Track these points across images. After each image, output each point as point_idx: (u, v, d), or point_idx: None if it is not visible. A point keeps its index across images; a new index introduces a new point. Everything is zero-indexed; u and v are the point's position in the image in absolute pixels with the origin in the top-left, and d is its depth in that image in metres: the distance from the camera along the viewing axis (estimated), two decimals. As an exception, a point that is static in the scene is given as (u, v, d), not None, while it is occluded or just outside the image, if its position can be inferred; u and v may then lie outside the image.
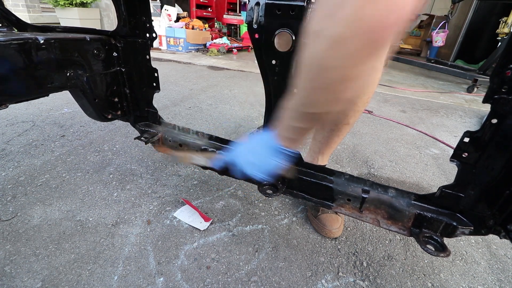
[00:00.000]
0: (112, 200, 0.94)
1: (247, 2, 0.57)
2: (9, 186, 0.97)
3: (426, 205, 0.64)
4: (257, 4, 0.55)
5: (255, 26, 0.57)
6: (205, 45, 4.41)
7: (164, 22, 4.13)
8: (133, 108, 0.95)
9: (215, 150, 0.80)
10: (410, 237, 0.81)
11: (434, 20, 5.23)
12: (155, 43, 4.19)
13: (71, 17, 4.28)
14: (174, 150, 0.90)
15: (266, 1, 0.54)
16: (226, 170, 0.72)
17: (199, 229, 0.84)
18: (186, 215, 0.89)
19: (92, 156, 1.20)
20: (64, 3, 4.11)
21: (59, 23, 4.33)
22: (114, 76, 0.87)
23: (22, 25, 0.86)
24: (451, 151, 0.57)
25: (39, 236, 0.78)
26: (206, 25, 4.81)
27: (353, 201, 0.69)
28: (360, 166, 1.29)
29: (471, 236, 0.91)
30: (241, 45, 4.76)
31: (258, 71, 0.63)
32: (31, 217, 0.85)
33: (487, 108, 0.47)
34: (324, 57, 0.33)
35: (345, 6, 0.28)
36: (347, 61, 0.32)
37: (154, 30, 0.84)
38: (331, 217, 0.86)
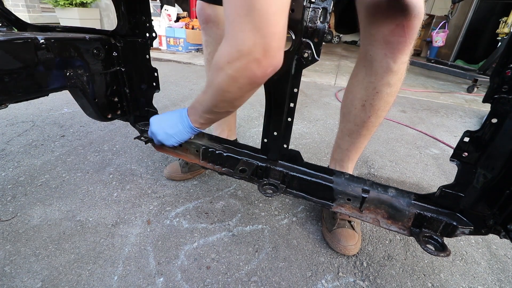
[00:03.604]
0: (112, 200, 0.94)
1: None
2: (9, 186, 0.97)
3: (426, 205, 0.64)
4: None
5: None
6: (205, 45, 4.40)
7: (164, 22, 4.13)
8: (133, 108, 0.95)
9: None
10: (410, 237, 0.81)
11: (434, 20, 5.24)
12: (155, 43, 4.19)
13: (71, 17, 4.28)
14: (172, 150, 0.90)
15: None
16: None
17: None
18: None
19: (92, 156, 1.20)
20: (64, 3, 4.11)
21: (59, 23, 4.33)
22: (114, 75, 0.87)
23: (22, 25, 0.86)
24: (451, 151, 0.57)
25: (39, 236, 0.78)
26: (206, 25, 4.79)
27: (353, 201, 0.69)
28: (360, 166, 1.29)
29: (471, 236, 0.91)
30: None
31: (258, 71, 0.63)
32: (31, 217, 0.85)
33: (487, 108, 0.47)
34: (224, 85, 0.53)
35: (237, 60, 0.47)
36: (239, 90, 0.53)
37: (154, 29, 0.84)
38: (348, 232, 0.80)
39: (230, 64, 0.48)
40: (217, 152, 0.81)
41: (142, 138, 0.89)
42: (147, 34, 0.83)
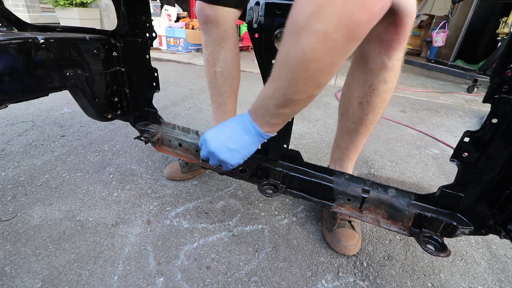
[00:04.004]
0: (112, 200, 0.94)
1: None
2: (9, 186, 0.97)
3: (426, 205, 0.64)
4: (257, 4, 0.55)
5: (255, 25, 0.57)
6: (205, 45, 4.40)
7: (164, 22, 4.13)
8: (133, 108, 0.95)
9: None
10: (410, 237, 0.81)
11: (434, 20, 5.23)
12: (155, 43, 4.19)
13: (71, 17, 4.28)
14: (173, 150, 0.90)
15: (266, 1, 0.54)
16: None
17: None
18: None
19: (92, 156, 1.20)
20: (64, 3, 4.11)
21: (59, 23, 4.33)
22: (114, 75, 0.87)
23: (22, 25, 0.86)
24: (451, 151, 0.57)
25: (39, 236, 0.78)
26: (206, 25, 4.79)
27: (353, 201, 0.69)
28: (360, 166, 1.29)
29: (471, 236, 0.91)
30: (241, 45, 4.77)
31: (258, 71, 0.63)
32: (31, 217, 0.85)
33: (487, 108, 0.47)
34: (310, 50, 0.38)
35: (327, 6, 0.34)
36: (330, 53, 0.38)
37: (154, 29, 0.84)
38: (348, 232, 0.80)
39: (318, 15, 0.35)
40: (217, 152, 0.81)
41: (142, 138, 0.89)
42: (147, 34, 0.83)
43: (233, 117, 0.59)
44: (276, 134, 0.57)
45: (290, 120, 0.59)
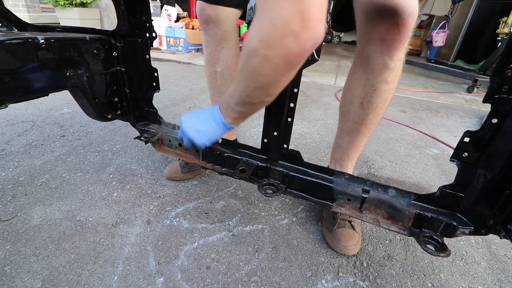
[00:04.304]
0: (112, 200, 0.94)
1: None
2: (9, 186, 0.97)
3: (426, 205, 0.64)
4: (257, 4, 0.55)
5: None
6: (205, 45, 4.40)
7: (164, 22, 4.13)
8: (133, 108, 0.95)
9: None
10: (410, 237, 0.81)
11: (434, 20, 5.24)
12: (155, 43, 4.19)
13: (71, 17, 4.28)
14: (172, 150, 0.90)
15: (266, 1, 0.54)
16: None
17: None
18: None
19: (92, 156, 1.20)
20: (64, 3, 4.11)
21: (59, 23, 4.33)
22: (114, 75, 0.87)
23: (22, 25, 0.86)
24: (451, 151, 0.57)
25: (39, 236, 0.78)
26: (206, 25, 4.79)
27: (353, 201, 0.69)
28: (360, 166, 1.29)
29: (471, 236, 0.91)
30: (241, 45, 4.76)
31: (258, 71, 0.63)
32: (31, 217, 0.85)
33: (487, 108, 0.47)
34: (257, 68, 0.47)
35: (271, 37, 0.42)
36: (274, 72, 0.47)
37: (154, 29, 0.84)
38: (348, 232, 0.80)
39: (263, 42, 0.43)
40: (217, 152, 0.81)
41: (142, 138, 0.89)
42: (147, 34, 0.83)
43: (210, 106, 0.68)
44: (237, 126, 0.68)
45: (249, 116, 0.66)
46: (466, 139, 0.54)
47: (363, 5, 0.61)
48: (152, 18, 0.83)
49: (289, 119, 0.68)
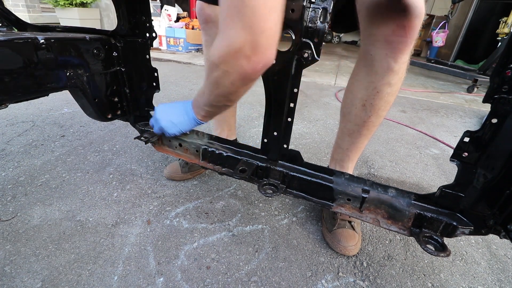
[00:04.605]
0: (112, 200, 0.94)
1: None
2: (9, 186, 0.97)
3: (426, 205, 0.64)
4: (257, 4, 0.55)
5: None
6: (205, 45, 4.40)
7: (164, 22, 4.13)
8: (133, 108, 0.95)
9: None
10: (410, 237, 0.81)
11: (434, 20, 5.24)
12: (155, 43, 4.19)
13: (71, 17, 4.28)
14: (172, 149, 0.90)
15: (266, 1, 0.54)
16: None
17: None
18: None
19: (92, 156, 1.20)
20: (64, 3, 4.11)
21: (59, 23, 4.33)
22: (114, 75, 0.87)
23: (22, 25, 0.86)
24: (451, 151, 0.57)
25: (39, 236, 0.78)
26: (206, 25, 4.79)
27: (353, 201, 0.69)
28: (360, 166, 1.29)
29: (471, 236, 0.91)
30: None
31: (258, 71, 0.63)
32: (31, 217, 0.85)
33: (487, 108, 0.47)
34: (218, 79, 0.55)
35: (228, 56, 0.49)
36: (232, 84, 0.54)
37: (154, 29, 0.84)
38: (348, 232, 0.80)
39: (221, 58, 0.50)
40: (217, 152, 0.81)
41: (142, 138, 0.89)
42: (147, 34, 0.83)
43: (184, 100, 0.75)
44: (206, 123, 0.75)
45: (217, 114, 0.75)
46: (466, 139, 0.54)
47: (367, 5, 0.60)
48: (152, 18, 0.83)
49: (289, 119, 0.68)
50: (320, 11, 0.52)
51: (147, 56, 0.86)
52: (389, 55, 0.61)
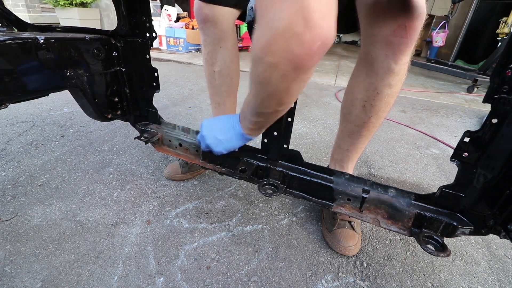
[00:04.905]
0: (112, 200, 0.94)
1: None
2: (9, 186, 0.97)
3: (426, 205, 0.64)
4: (257, 4, 0.55)
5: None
6: (205, 45, 4.40)
7: (164, 22, 4.13)
8: (133, 108, 0.95)
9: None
10: (410, 237, 0.81)
11: (434, 20, 5.24)
12: (155, 43, 4.19)
13: (71, 17, 4.28)
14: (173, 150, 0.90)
15: (266, 1, 0.54)
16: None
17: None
18: None
19: (92, 156, 1.20)
20: (64, 3, 4.11)
21: (59, 23, 4.33)
22: (114, 75, 0.87)
23: (22, 25, 0.86)
24: (451, 151, 0.57)
25: (39, 236, 0.78)
26: (206, 25, 4.79)
27: (353, 201, 0.69)
28: (360, 166, 1.29)
29: (471, 236, 0.91)
30: (241, 45, 4.76)
31: (258, 71, 0.63)
32: (31, 217, 0.85)
33: (487, 108, 0.47)
34: (264, 76, 0.44)
35: (274, 42, 0.39)
36: (283, 79, 0.44)
37: (154, 29, 0.84)
38: (348, 232, 0.80)
39: (265, 49, 0.40)
40: (217, 152, 0.81)
41: (142, 138, 0.89)
42: (147, 34, 0.83)
43: (232, 114, 0.68)
44: (254, 137, 0.66)
45: (266, 127, 0.66)
46: (466, 139, 0.54)
47: (367, 5, 0.60)
48: (152, 18, 0.83)
49: (289, 119, 0.68)
50: (320, 11, 0.52)
51: (147, 56, 0.86)
52: (390, 56, 0.61)
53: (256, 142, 0.73)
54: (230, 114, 0.67)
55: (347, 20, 0.72)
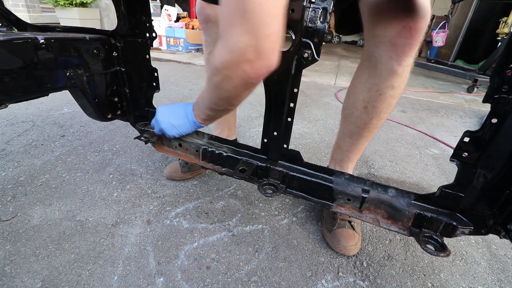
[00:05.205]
0: (112, 200, 0.94)
1: None
2: (9, 186, 0.97)
3: (426, 205, 0.64)
4: (257, 4, 0.55)
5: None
6: (205, 45, 4.40)
7: (164, 22, 4.13)
8: (133, 108, 0.95)
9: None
10: (410, 237, 0.81)
11: (434, 20, 5.23)
12: (155, 43, 4.19)
13: (71, 17, 4.28)
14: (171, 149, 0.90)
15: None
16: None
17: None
18: None
19: (92, 156, 1.20)
20: (64, 3, 4.11)
21: (59, 23, 4.33)
22: (114, 75, 0.87)
23: (22, 25, 0.86)
24: (451, 151, 0.57)
25: (39, 236, 0.78)
26: (206, 25, 4.78)
27: (353, 201, 0.69)
28: (360, 166, 1.29)
29: (471, 236, 0.91)
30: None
31: (258, 71, 0.63)
32: (31, 217, 0.85)
33: (487, 108, 0.47)
34: (219, 84, 0.55)
35: (231, 61, 0.48)
36: (235, 89, 0.54)
37: (154, 29, 0.84)
38: (348, 232, 0.80)
39: (224, 64, 0.49)
40: (217, 152, 0.81)
41: (142, 138, 0.89)
42: (147, 34, 0.83)
43: (185, 102, 0.75)
44: (206, 126, 0.76)
45: (218, 118, 0.78)
46: (466, 139, 0.54)
47: (371, 6, 0.59)
48: (152, 18, 0.83)
49: (289, 119, 0.68)
50: (320, 11, 0.52)
51: (147, 56, 0.86)
52: (393, 57, 0.60)
53: (256, 142, 0.73)
54: (184, 103, 0.74)
55: (350, 22, 0.72)
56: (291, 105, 0.65)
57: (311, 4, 0.52)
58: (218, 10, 0.83)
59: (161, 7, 4.36)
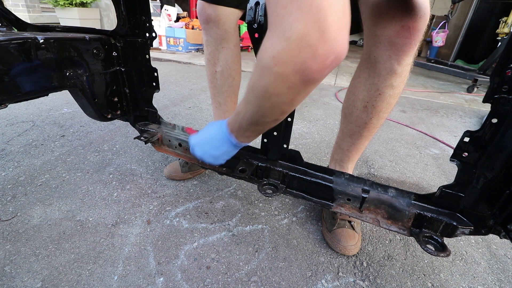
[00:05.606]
0: (112, 200, 0.94)
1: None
2: (9, 186, 0.97)
3: (426, 205, 0.64)
4: (257, 4, 0.55)
5: (255, 26, 0.57)
6: (205, 45, 4.40)
7: (164, 22, 4.13)
8: (133, 107, 0.95)
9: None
10: (410, 237, 0.81)
11: (434, 20, 5.23)
12: (155, 43, 4.19)
13: (71, 17, 4.28)
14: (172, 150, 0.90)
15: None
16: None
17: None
18: None
19: (92, 156, 1.20)
20: (64, 3, 4.11)
21: (59, 23, 4.33)
22: (113, 75, 0.87)
23: (21, 25, 0.86)
24: (451, 151, 0.57)
25: (39, 236, 0.78)
26: (206, 25, 4.79)
27: (353, 201, 0.69)
28: (360, 166, 1.29)
29: (471, 236, 0.91)
30: (241, 45, 4.76)
31: (258, 71, 0.63)
32: (31, 217, 0.85)
33: (487, 108, 0.47)
34: (271, 87, 0.42)
35: (284, 53, 0.37)
36: (289, 91, 0.42)
37: (153, 29, 0.84)
38: (348, 232, 0.80)
39: (276, 59, 0.38)
40: (217, 152, 0.81)
41: (142, 138, 0.89)
42: (147, 34, 0.83)
43: (213, 124, 0.65)
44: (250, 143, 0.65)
45: (265, 132, 0.65)
46: (466, 139, 0.54)
47: (370, 6, 0.59)
48: (152, 18, 0.83)
49: (289, 119, 0.68)
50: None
51: (147, 56, 0.86)
52: (393, 57, 0.60)
53: (256, 142, 0.73)
54: (215, 126, 0.65)
55: (351, 22, 0.72)
56: (291, 105, 0.65)
57: None
58: (220, 10, 0.84)
59: (161, 7, 4.36)
